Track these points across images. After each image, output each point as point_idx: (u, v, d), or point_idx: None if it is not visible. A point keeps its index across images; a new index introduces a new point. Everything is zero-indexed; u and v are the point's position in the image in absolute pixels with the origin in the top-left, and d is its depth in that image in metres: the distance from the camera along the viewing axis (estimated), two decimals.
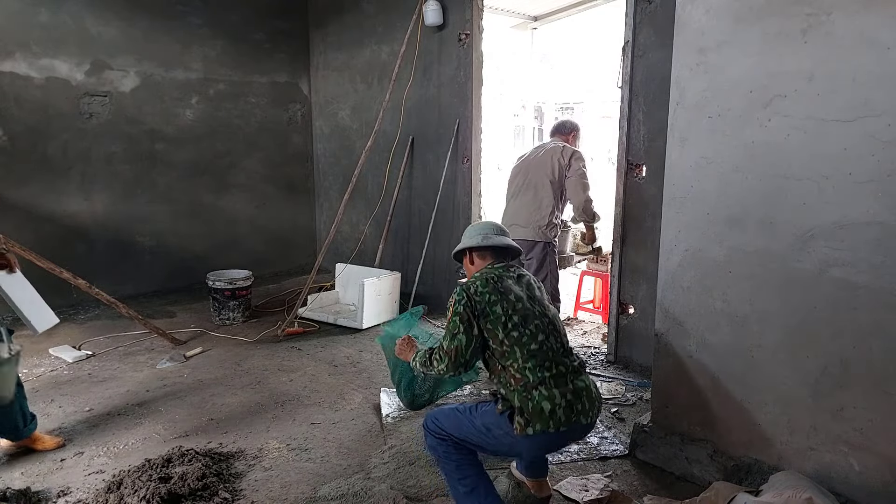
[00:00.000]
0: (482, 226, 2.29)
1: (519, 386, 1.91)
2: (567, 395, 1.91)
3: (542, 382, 1.90)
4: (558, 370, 1.94)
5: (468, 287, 2.04)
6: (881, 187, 1.86)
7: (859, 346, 1.96)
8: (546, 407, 1.87)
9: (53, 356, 3.71)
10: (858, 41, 1.86)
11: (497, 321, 1.97)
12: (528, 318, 2.00)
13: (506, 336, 1.96)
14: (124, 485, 2.25)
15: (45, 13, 4.40)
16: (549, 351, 1.97)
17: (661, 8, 3.17)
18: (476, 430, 1.99)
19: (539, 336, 1.98)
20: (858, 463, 2.01)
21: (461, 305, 2.00)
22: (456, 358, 1.99)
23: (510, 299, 2.02)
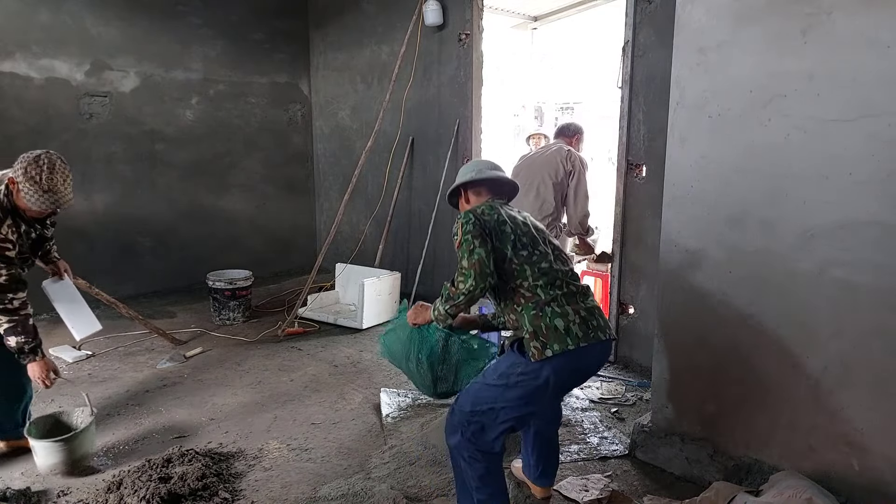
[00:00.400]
0: (475, 163, 2.22)
1: (530, 304, 1.86)
2: (581, 312, 1.87)
3: (553, 300, 1.86)
4: (569, 289, 1.91)
5: (474, 210, 1.98)
6: (881, 187, 1.86)
7: (859, 346, 1.96)
8: (560, 324, 1.83)
9: (53, 356, 3.71)
10: (859, 41, 1.86)
11: (506, 239, 1.92)
12: (536, 241, 1.98)
13: (514, 255, 1.91)
14: (124, 485, 2.25)
15: (45, 13, 4.40)
16: (559, 272, 1.93)
17: (661, 8, 3.17)
18: (495, 390, 1.88)
19: (549, 257, 1.96)
20: (858, 463, 2.01)
21: (470, 224, 1.92)
22: (481, 269, 1.85)
23: (517, 222, 1.99)
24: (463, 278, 1.87)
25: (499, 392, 1.88)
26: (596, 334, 1.87)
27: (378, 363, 3.70)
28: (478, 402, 1.91)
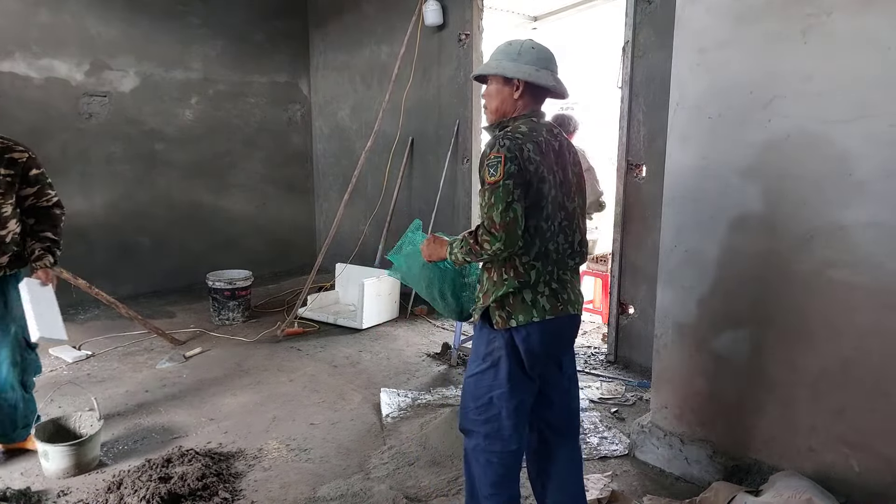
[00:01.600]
0: (547, 55, 1.79)
1: (516, 281, 1.72)
2: (552, 284, 1.76)
3: (536, 284, 1.74)
4: (557, 275, 1.78)
5: (521, 147, 1.66)
6: (881, 188, 1.87)
7: (859, 346, 1.96)
8: (528, 296, 1.73)
9: (53, 356, 3.70)
10: (859, 41, 1.87)
11: (540, 200, 1.69)
12: (557, 209, 1.76)
13: (536, 223, 1.70)
14: (124, 485, 2.25)
15: (44, 13, 4.40)
16: (559, 254, 1.78)
17: (661, 8, 3.17)
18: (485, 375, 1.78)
19: (559, 236, 1.77)
20: (858, 463, 2.01)
21: (515, 166, 1.63)
22: (514, 231, 1.63)
23: (552, 181, 1.73)
24: (490, 238, 1.65)
25: (489, 377, 1.79)
26: (565, 307, 1.78)
27: (377, 363, 3.70)
28: (477, 397, 1.81)
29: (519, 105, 1.81)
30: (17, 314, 2.44)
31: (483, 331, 1.82)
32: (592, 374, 3.53)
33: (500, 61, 1.79)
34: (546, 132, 1.78)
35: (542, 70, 1.77)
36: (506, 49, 1.80)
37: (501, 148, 1.65)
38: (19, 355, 2.48)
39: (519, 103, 1.80)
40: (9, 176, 2.32)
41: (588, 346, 4.04)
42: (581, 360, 3.79)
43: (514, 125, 1.77)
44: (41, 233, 2.47)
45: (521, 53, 1.77)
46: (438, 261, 1.94)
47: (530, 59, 1.77)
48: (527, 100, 1.80)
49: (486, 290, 1.78)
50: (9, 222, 2.35)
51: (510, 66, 1.77)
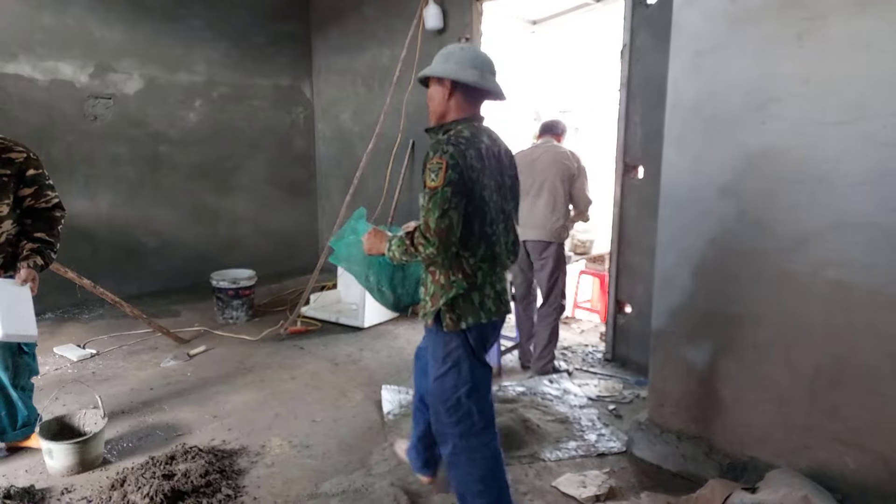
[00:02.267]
0: (475, 55, 1.85)
1: (464, 282, 1.78)
2: (496, 287, 1.88)
3: (483, 286, 1.83)
4: (500, 273, 1.90)
5: (464, 153, 1.71)
6: (875, 189, 1.89)
7: (853, 345, 1.99)
8: (476, 299, 1.82)
9: (58, 355, 3.74)
10: (853, 44, 1.89)
11: (481, 206, 1.77)
12: (499, 212, 1.86)
13: (479, 227, 1.78)
14: (128, 482, 2.27)
15: (48, 16, 4.45)
16: (503, 254, 1.90)
17: (658, 11, 3.21)
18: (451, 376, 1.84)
19: (502, 238, 1.88)
20: (853, 461, 2.03)
21: (456, 174, 1.68)
22: (448, 238, 1.68)
23: (492, 186, 1.82)
24: (424, 242, 1.70)
25: (453, 377, 1.84)
26: (502, 309, 1.91)
27: (379, 361, 3.73)
28: (445, 399, 1.86)
29: (452, 106, 1.87)
30: None
31: (438, 335, 1.86)
32: (590, 372, 3.56)
33: (433, 65, 1.89)
34: (487, 137, 1.86)
35: (469, 69, 1.82)
36: (440, 53, 1.91)
37: (444, 154, 1.70)
38: (10, 359, 2.46)
39: (451, 104, 1.87)
40: (4, 176, 2.29)
41: (586, 345, 4.06)
42: (579, 358, 3.81)
43: (456, 129, 1.83)
44: (34, 233, 2.41)
45: (451, 55, 1.87)
46: (378, 255, 1.95)
47: (458, 59, 1.84)
48: (460, 101, 1.86)
49: (434, 293, 1.83)
50: (3, 223, 2.32)
51: (439, 67, 1.86)
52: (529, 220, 3.37)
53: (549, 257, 3.36)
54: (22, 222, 2.42)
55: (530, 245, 3.39)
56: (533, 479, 2.42)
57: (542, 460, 2.55)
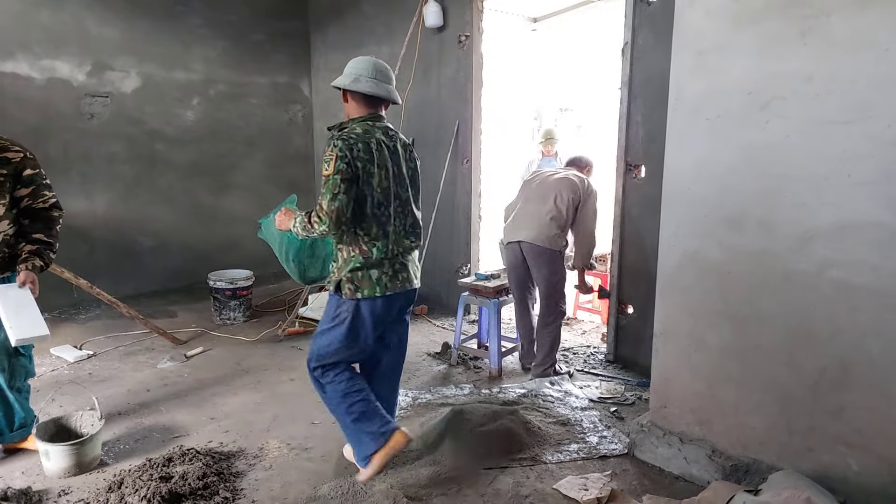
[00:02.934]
0: (367, 66, 2.19)
1: (361, 258, 2.15)
2: (395, 265, 2.22)
3: (380, 263, 2.17)
4: (396, 251, 2.21)
5: (351, 147, 2.07)
6: (880, 188, 1.87)
7: (858, 346, 1.97)
8: (374, 275, 2.17)
9: (55, 356, 3.72)
10: (857, 43, 1.87)
11: (370, 191, 2.11)
12: (391, 197, 2.19)
13: (370, 209, 2.13)
14: (125, 484, 2.26)
15: (45, 14, 4.42)
16: (396, 234, 2.22)
17: (660, 9, 3.18)
18: (330, 332, 2.22)
19: (395, 219, 2.20)
20: (857, 463, 2.01)
21: (344, 163, 2.04)
22: (337, 219, 2.05)
23: (382, 174, 2.16)
24: (318, 220, 2.06)
25: (333, 333, 2.21)
26: (403, 285, 2.23)
27: None
28: (321, 346, 2.24)
29: (350, 108, 2.25)
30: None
31: (334, 298, 2.24)
32: (592, 374, 3.54)
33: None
34: (381, 133, 2.20)
35: (361, 78, 2.18)
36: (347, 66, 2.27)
37: (334, 148, 2.05)
38: (7, 361, 2.45)
39: (349, 107, 2.25)
40: (0, 175, 2.28)
41: (587, 346, 4.04)
42: (581, 359, 3.79)
43: (350, 127, 2.18)
44: (32, 234, 2.40)
45: (348, 67, 2.24)
46: (286, 230, 2.28)
47: (351, 70, 2.22)
48: (356, 104, 2.23)
49: (339, 266, 2.20)
50: (0, 223, 2.31)
51: (339, 78, 2.23)
52: (527, 223, 3.34)
53: (544, 263, 3.31)
54: (19, 223, 2.41)
55: (525, 247, 3.34)
56: (534, 481, 2.40)
57: (543, 463, 2.53)
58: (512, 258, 3.45)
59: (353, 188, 2.06)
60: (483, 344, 3.83)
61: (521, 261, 3.39)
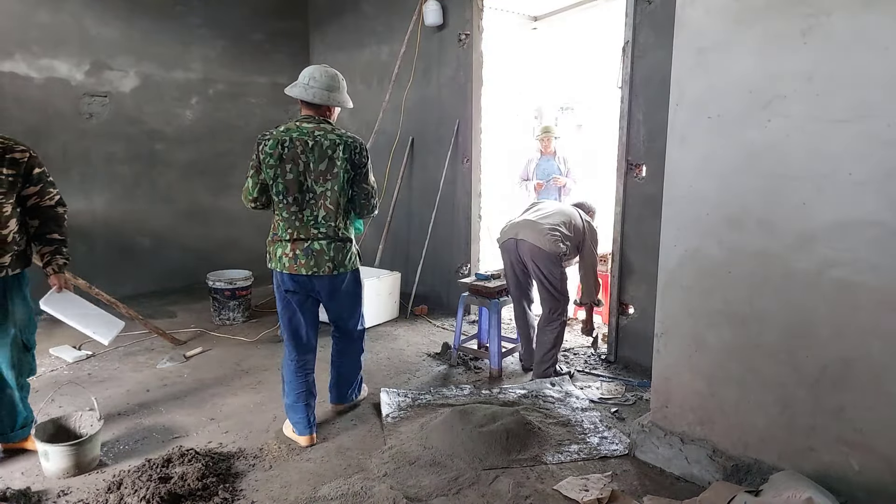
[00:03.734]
0: (310, 72, 2.55)
1: (272, 234, 2.59)
2: (296, 251, 2.52)
3: (282, 240, 2.54)
4: (299, 236, 2.52)
5: (261, 142, 2.50)
6: (881, 187, 1.87)
7: (859, 345, 1.97)
8: (278, 252, 2.56)
9: (53, 356, 3.71)
10: (858, 42, 1.87)
11: (270, 181, 2.49)
12: (293, 189, 2.48)
13: (274, 195, 2.52)
14: (124, 485, 2.25)
15: (44, 13, 4.41)
16: (299, 221, 2.52)
17: (660, 8, 3.17)
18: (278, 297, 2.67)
19: (293, 207, 2.51)
20: (858, 463, 2.01)
21: (254, 155, 2.51)
22: (245, 197, 2.57)
23: (285, 169, 2.47)
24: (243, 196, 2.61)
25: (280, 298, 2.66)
26: (299, 269, 2.54)
27: (377, 363, 3.70)
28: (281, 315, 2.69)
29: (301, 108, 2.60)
30: (19, 316, 2.44)
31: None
32: (592, 374, 3.54)
33: None
34: (306, 133, 2.49)
35: (294, 84, 2.55)
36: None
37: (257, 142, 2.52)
38: (17, 357, 2.47)
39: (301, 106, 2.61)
40: (10, 176, 2.32)
41: (588, 346, 4.03)
42: (581, 360, 3.79)
43: (284, 126, 2.55)
44: (48, 234, 2.49)
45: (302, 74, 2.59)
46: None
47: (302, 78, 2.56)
48: (300, 106, 2.61)
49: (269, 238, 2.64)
50: (9, 221, 2.35)
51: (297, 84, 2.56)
52: (527, 227, 3.31)
53: (543, 264, 3.27)
54: (25, 222, 2.45)
55: (525, 246, 3.29)
56: (535, 482, 2.39)
57: (543, 463, 2.52)
58: (507, 255, 3.43)
59: (257, 175, 2.51)
60: (483, 344, 3.83)
61: (518, 258, 3.37)
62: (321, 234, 2.53)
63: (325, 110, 2.58)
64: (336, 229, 2.56)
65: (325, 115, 2.58)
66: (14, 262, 2.39)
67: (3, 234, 2.33)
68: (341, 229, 2.58)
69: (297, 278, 2.56)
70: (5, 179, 2.31)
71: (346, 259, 2.62)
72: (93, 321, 2.55)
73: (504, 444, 2.57)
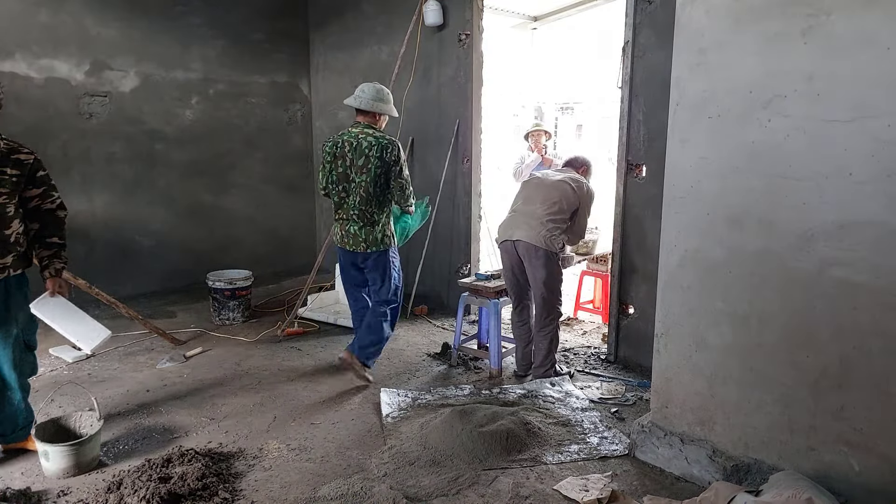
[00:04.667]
0: (361, 86, 3.21)
1: (333, 215, 3.33)
2: (344, 229, 3.26)
3: (336, 220, 3.31)
4: (346, 216, 3.24)
5: (324, 144, 3.26)
6: (881, 187, 1.87)
7: (859, 345, 1.97)
8: (336, 231, 3.33)
9: (53, 356, 3.71)
10: (858, 41, 1.87)
11: (330, 174, 3.23)
12: (341, 181, 3.19)
13: (330, 185, 3.25)
14: (124, 485, 2.25)
15: (44, 13, 4.40)
16: (345, 204, 3.23)
17: (661, 8, 3.17)
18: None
19: (342, 194, 3.22)
20: (858, 463, 2.01)
21: (322, 153, 3.27)
22: (318, 186, 3.38)
23: (336, 164, 3.18)
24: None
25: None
26: (345, 244, 3.27)
27: (378, 363, 3.70)
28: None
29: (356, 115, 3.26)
30: (21, 316, 2.45)
31: None
32: (592, 374, 3.54)
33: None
34: (353, 136, 3.17)
35: (353, 97, 3.20)
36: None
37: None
38: (19, 357, 2.48)
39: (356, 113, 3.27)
40: (15, 177, 2.34)
41: (588, 346, 4.04)
42: (581, 360, 3.79)
43: (341, 131, 3.27)
44: (48, 238, 2.49)
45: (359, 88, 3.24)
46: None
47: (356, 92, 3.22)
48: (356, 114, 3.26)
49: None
50: (12, 222, 2.36)
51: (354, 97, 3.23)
52: (523, 222, 3.28)
53: (541, 265, 3.25)
54: (26, 224, 2.45)
55: (521, 247, 3.27)
56: (535, 482, 2.39)
57: (543, 464, 2.52)
58: (507, 257, 3.41)
59: (323, 170, 3.26)
60: (483, 344, 3.82)
61: (518, 260, 3.35)
62: (356, 216, 3.20)
63: (373, 117, 3.20)
64: (368, 213, 3.20)
65: (372, 121, 3.22)
66: (16, 262, 2.40)
67: (7, 235, 2.34)
68: (374, 213, 3.21)
69: (345, 253, 3.32)
70: (9, 180, 2.32)
71: (375, 239, 3.22)
72: (80, 328, 2.50)
73: (504, 445, 2.57)
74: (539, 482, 2.39)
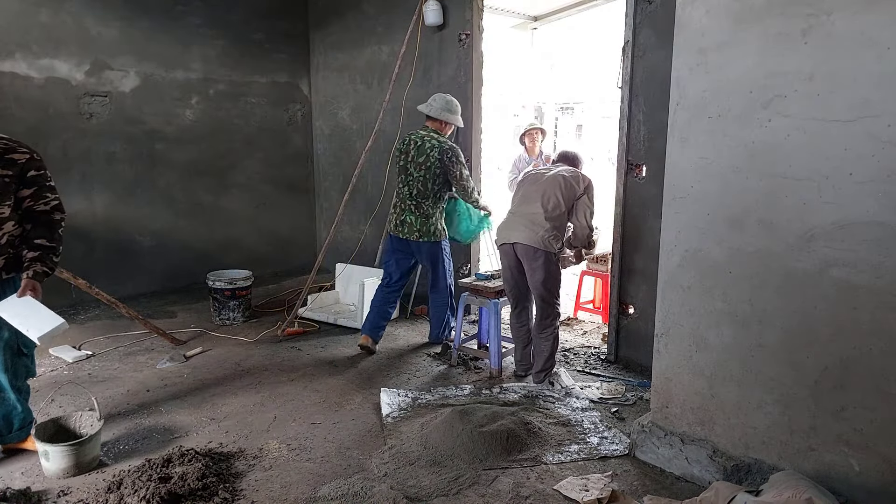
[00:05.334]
0: (432, 96, 3.76)
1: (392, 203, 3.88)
2: (398, 217, 3.76)
3: (395, 207, 3.82)
4: (402, 206, 3.74)
5: (397, 142, 3.88)
6: (881, 187, 1.87)
7: (859, 346, 1.97)
8: (391, 218, 3.83)
9: (53, 356, 3.71)
10: (858, 41, 1.87)
11: (396, 168, 3.77)
12: (401, 173, 3.73)
13: (395, 177, 3.80)
14: (124, 485, 2.25)
15: (45, 13, 4.40)
16: (402, 194, 3.74)
17: (661, 8, 3.17)
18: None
19: (403, 186, 3.73)
20: (858, 463, 2.01)
21: (395, 149, 3.93)
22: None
23: (401, 160, 3.73)
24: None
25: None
26: (397, 231, 3.76)
27: (377, 363, 3.70)
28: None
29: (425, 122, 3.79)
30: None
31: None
32: (593, 374, 3.53)
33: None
34: (418, 137, 3.71)
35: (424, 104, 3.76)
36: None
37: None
38: (10, 360, 2.45)
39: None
40: (6, 177, 2.27)
41: (588, 346, 4.04)
42: (581, 360, 3.79)
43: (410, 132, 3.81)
44: (34, 239, 2.37)
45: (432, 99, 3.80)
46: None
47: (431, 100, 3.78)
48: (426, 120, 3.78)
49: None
50: (5, 224, 2.30)
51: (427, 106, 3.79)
52: (521, 223, 3.26)
53: (539, 266, 3.23)
54: (23, 227, 2.39)
55: (520, 249, 3.25)
56: (535, 482, 2.39)
57: (543, 463, 2.52)
58: (506, 260, 3.40)
59: (394, 166, 3.84)
60: (483, 344, 3.82)
61: (517, 262, 3.33)
62: (412, 206, 3.68)
63: (440, 124, 3.71)
64: (423, 206, 3.65)
65: (439, 127, 3.73)
66: (7, 265, 2.35)
67: None
68: (429, 207, 3.66)
69: (396, 239, 3.79)
70: (0, 181, 2.26)
71: (428, 230, 3.68)
72: (32, 318, 2.32)
73: (504, 444, 2.57)
74: (539, 482, 2.39)
